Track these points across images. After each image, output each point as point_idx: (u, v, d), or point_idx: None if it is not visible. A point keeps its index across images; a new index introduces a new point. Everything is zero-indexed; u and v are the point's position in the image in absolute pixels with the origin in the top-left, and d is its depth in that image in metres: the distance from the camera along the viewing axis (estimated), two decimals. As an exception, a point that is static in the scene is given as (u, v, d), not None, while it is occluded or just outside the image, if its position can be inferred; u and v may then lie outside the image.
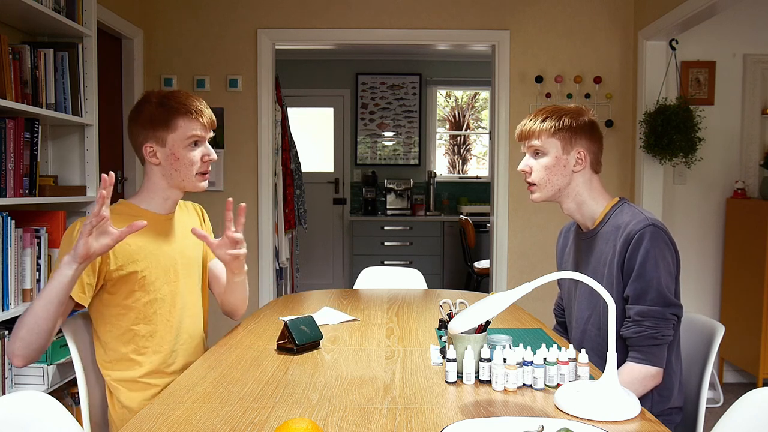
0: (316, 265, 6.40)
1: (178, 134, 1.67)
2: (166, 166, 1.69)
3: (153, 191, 1.73)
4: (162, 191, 1.73)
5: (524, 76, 3.90)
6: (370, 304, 2.22)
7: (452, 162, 6.87)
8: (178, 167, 1.69)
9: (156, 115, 1.67)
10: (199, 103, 1.71)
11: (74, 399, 2.50)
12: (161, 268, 1.69)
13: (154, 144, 1.68)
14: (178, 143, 1.68)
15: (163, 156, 1.68)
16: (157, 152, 1.68)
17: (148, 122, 1.67)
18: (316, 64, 6.33)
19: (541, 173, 1.69)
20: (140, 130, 1.69)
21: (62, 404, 1.22)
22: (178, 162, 1.69)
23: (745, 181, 3.74)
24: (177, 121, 1.67)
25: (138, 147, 1.71)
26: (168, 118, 1.67)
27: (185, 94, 1.71)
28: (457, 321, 1.25)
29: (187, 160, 1.69)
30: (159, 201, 1.73)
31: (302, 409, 1.20)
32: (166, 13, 3.86)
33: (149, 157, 1.69)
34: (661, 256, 1.56)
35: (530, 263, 3.95)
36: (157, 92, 1.72)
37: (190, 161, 1.70)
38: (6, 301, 2.14)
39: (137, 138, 1.70)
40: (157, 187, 1.72)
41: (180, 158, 1.68)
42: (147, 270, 1.65)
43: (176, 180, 1.71)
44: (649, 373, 1.55)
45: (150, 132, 1.67)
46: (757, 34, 3.77)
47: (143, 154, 1.70)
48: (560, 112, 1.68)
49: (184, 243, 1.79)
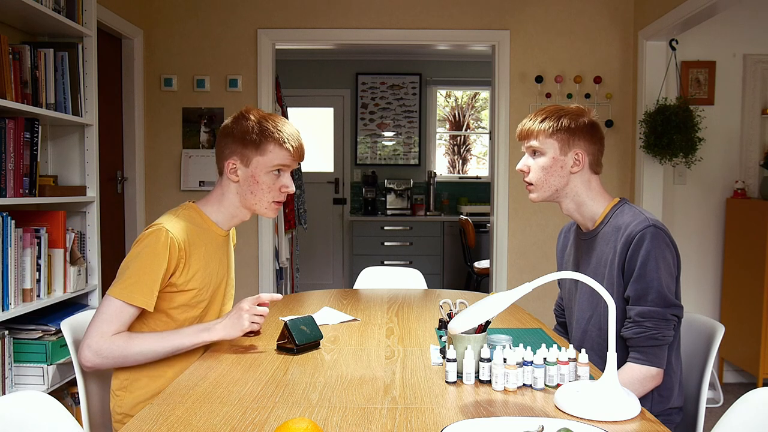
0: (316, 265, 6.39)
1: (266, 159, 1.65)
2: (243, 185, 1.68)
3: (224, 205, 1.71)
4: (233, 208, 1.71)
5: (524, 76, 3.90)
6: (370, 304, 2.22)
7: (452, 162, 6.87)
8: (255, 190, 1.67)
9: (250, 134, 1.65)
10: (295, 131, 1.70)
11: (74, 399, 2.50)
12: (212, 288, 1.69)
13: (238, 161, 1.66)
14: (261, 167, 1.66)
15: (244, 175, 1.67)
16: (238, 170, 1.67)
17: (240, 138, 1.65)
18: (316, 64, 6.33)
19: (538, 173, 1.69)
20: (229, 144, 1.67)
21: (62, 404, 1.22)
22: (256, 185, 1.67)
23: (745, 181, 3.74)
24: (269, 145, 1.65)
25: (222, 159, 1.69)
26: (261, 140, 1.64)
27: (283, 120, 1.70)
28: (457, 321, 1.25)
29: (265, 186, 1.67)
30: (227, 216, 1.72)
31: (302, 409, 1.20)
32: (166, 13, 3.86)
33: (229, 173, 1.67)
34: (661, 256, 1.56)
35: (530, 263, 3.95)
36: (258, 110, 1.70)
37: (269, 188, 1.68)
38: (6, 301, 2.14)
39: (224, 150, 1.68)
40: (229, 203, 1.71)
41: (259, 182, 1.67)
42: (203, 289, 1.65)
43: (249, 201, 1.69)
44: (650, 374, 1.55)
45: (239, 148, 1.65)
46: (757, 34, 3.77)
47: (224, 167, 1.68)
48: (560, 113, 1.68)
49: (230, 263, 1.81)
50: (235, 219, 1.74)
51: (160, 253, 1.54)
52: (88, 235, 2.71)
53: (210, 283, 1.67)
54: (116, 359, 1.53)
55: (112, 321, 1.52)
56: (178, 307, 1.63)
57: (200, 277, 1.64)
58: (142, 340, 1.55)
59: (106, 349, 1.51)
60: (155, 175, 3.85)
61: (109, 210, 3.38)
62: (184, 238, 1.59)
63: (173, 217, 1.64)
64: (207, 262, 1.66)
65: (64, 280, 2.47)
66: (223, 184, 1.71)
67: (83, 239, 2.69)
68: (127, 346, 1.53)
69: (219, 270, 1.72)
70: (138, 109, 3.73)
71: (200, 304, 1.66)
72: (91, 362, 1.51)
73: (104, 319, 1.52)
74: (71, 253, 2.54)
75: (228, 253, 1.80)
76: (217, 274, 1.71)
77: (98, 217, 2.75)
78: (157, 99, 3.85)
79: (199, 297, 1.65)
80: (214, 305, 1.72)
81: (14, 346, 2.25)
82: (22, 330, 2.29)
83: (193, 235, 1.63)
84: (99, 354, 1.51)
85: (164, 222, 1.59)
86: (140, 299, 1.53)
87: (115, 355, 1.52)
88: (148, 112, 3.83)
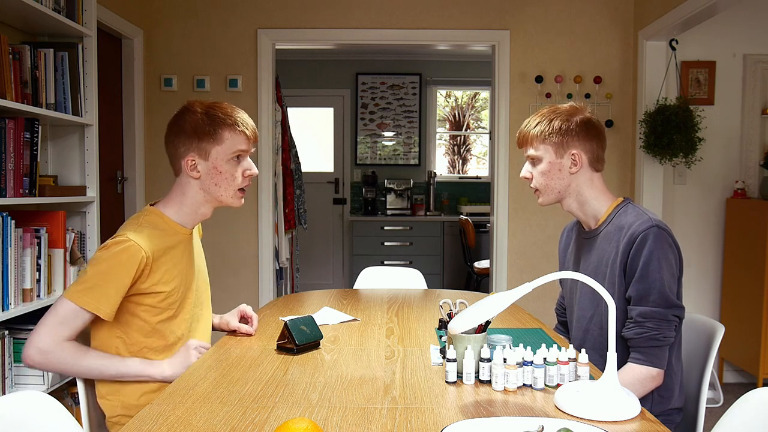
0: (316, 265, 6.39)
1: (224, 147, 1.63)
2: (206, 179, 1.64)
3: (186, 204, 1.67)
4: (196, 205, 1.68)
5: (524, 76, 3.90)
6: (370, 304, 2.22)
7: (452, 162, 6.87)
8: (219, 181, 1.64)
9: (201, 126, 1.61)
10: (244, 115, 1.67)
11: (74, 399, 2.50)
12: (183, 288, 1.66)
13: (196, 156, 1.63)
14: (221, 156, 1.63)
15: (205, 169, 1.63)
16: (198, 165, 1.63)
17: (192, 133, 1.62)
18: (316, 64, 6.33)
19: (540, 179, 1.71)
20: (182, 141, 1.63)
21: (62, 404, 1.22)
22: (219, 176, 1.64)
23: (745, 181, 3.74)
24: (224, 133, 1.62)
25: (177, 158, 1.65)
26: (214, 129, 1.61)
27: (229, 106, 1.67)
28: (457, 321, 1.25)
29: (228, 175, 1.64)
30: (190, 215, 1.68)
31: (302, 409, 1.20)
32: (166, 13, 3.86)
33: (189, 170, 1.63)
34: (664, 257, 1.56)
35: (530, 263, 3.95)
36: (201, 102, 1.67)
37: (232, 176, 1.65)
38: (6, 301, 2.14)
39: (177, 149, 1.64)
40: (191, 201, 1.67)
41: (222, 172, 1.64)
42: (173, 290, 1.62)
43: (215, 194, 1.66)
44: (650, 374, 1.55)
45: (194, 143, 1.62)
46: (757, 34, 3.77)
47: (183, 166, 1.64)
48: (552, 116, 1.68)
49: (200, 260, 1.79)
50: (198, 216, 1.70)
51: (124, 264, 1.51)
52: (88, 235, 2.71)
53: (180, 284, 1.65)
54: (60, 367, 1.51)
55: (65, 324, 1.49)
56: (147, 310, 1.59)
57: (169, 279, 1.60)
58: (90, 358, 1.53)
59: (55, 355, 1.48)
60: (155, 175, 3.85)
61: (109, 210, 3.37)
62: (149, 246, 1.55)
63: (136, 225, 1.60)
64: (174, 264, 1.63)
65: (64, 280, 2.47)
66: (182, 183, 1.67)
67: (83, 239, 2.69)
68: (76, 359, 1.51)
69: (188, 268, 1.69)
70: (138, 109, 3.73)
71: (172, 306, 1.63)
72: (35, 362, 1.49)
73: (58, 321, 1.49)
74: (71, 253, 2.54)
75: (197, 249, 1.78)
76: (187, 275, 1.68)
77: (98, 217, 2.75)
78: (157, 99, 3.85)
79: (171, 299, 1.62)
80: (186, 304, 1.68)
81: (14, 346, 2.25)
82: (22, 330, 2.29)
83: (158, 240, 1.59)
84: (45, 356, 1.48)
85: (128, 232, 1.55)
86: (93, 305, 1.49)
87: (61, 362, 1.50)
88: (148, 112, 3.83)
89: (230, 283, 3.86)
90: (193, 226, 1.72)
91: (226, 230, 3.84)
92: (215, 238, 3.78)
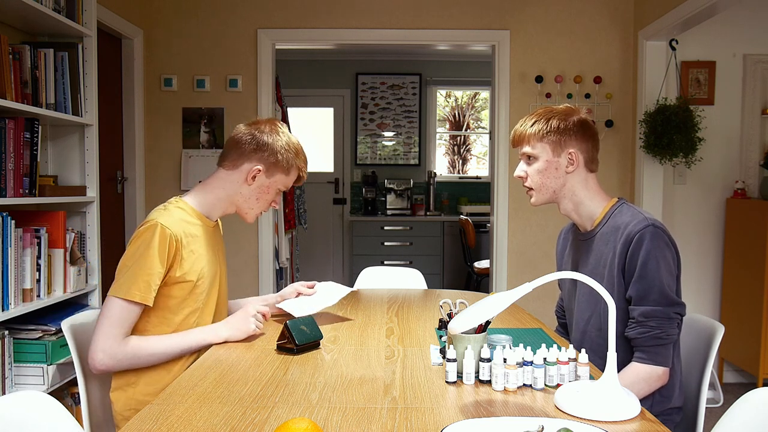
0: (316, 265, 6.39)
1: (286, 179, 1.78)
2: (251, 190, 1.75)
3: (216, 197, 1.76)
4: (224, 202, 1.77)
5: (524, 76, 3.90)
6: (370, 304, 2.22)
7: (452, 162, 6.87)
8: (260, 198, 1.77)
9: (286, 153, 1.75)
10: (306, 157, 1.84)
11: (74, 399, 2.50)
12: (210, 277, 1.72)
13: (263, 169, 1.74)
14: (279, 183, 1.77)
15: (260, 183, 1.75)
16: (258, 177, 1.74)
17: (275, 153, 1.74)
18: (316, 64, 6.33)
19: (535, 178, 1.70)
20: (263, 151, 1.73)
21: (62, 404, 1.22)
22: (265, 195, 1.77)
23: (745, 181, 3.74)
24: (293, 169, 1.78)
25: (242, 158, 1.73)
26: (292, 163, 1.77)
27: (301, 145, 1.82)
28: (457, 321, 1.25)
29: (269, 198, 1.79)
30: (215, 209, 1.77)
31: (302, 409, 1.20)
32: (166, 13, 3.86)
33: (248, 176, 1.73)
34: (662, 256, 1.56)
35: (530, 263, 3.95)
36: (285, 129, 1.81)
37: (270, 200, 1.80)
38: (6, 301, 2.14)
39: (249, 155, 1.73)
40: (221, 195, 1.75)
41: (269, 194, 1.78)
42: (202, 279, 1.68)
43: (245, 205, 1.77)
44: (655, 373, 1.55)
45: (272, 160, 1.74)
46: (757, 34, 3.77)
47: (244, 168, 1.73)
48: (549, 115, 1.69)
49: (222, 253, 1.85)
50: (224, 212, 1.79)
51: (156, 248, 1.57)
52: (88, 235, 2.71)
53: (208, 272, 1.70)
54: (130, 362, 1.57)
55: (119, 323, 1.55)
56: (178, 302, 1.64)
57: (198, 267, 1.66)
58: (152, 342, 1.60)
59: (120, 352, 1.54)
60: (155, 175, 3.85)
61: (109, 210, 3.37)
62: (178, 230, 1.62)
63: (164, 211, 1.66)
64: (202, 253, 1.69)
65: (64, 280, 2.47)
66: (224, 178, 1.75)
67: (83, 239, 2.69)
68: (139, 348, 1.57)
69: (213, 260, 1.75)
70: (138, 109, 3.73)
71: (200, 296, 1.68)
72: (105, 365, 1.54)
73: (112, 322, 1.54)
74: (71, 253, 2.54)
75: (220, 243, 1.85)
76: (213, 264, 1.74)
77: (98, 217, 2.75)
78: (157, 99, 3.85)
79: (199, 288, 1.67)
80: (212, 296, 1.74)
81: (14, 346, 2.25)
82: (22, 330, 2.29)
83: (186, 227, 1.66)
84: (113, 357, 1.54)
85: (157, 217, 1.62)
86: (138, 295, 1.55)
87: (128, 357, 1.56)
88: (148, 112, 3.83)
89: (230, 283, 3.84)
90: (217, 218, 1.80)
91: (226, 230, 3.82)
92: (215, 238, 3.78)
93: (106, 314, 1.55)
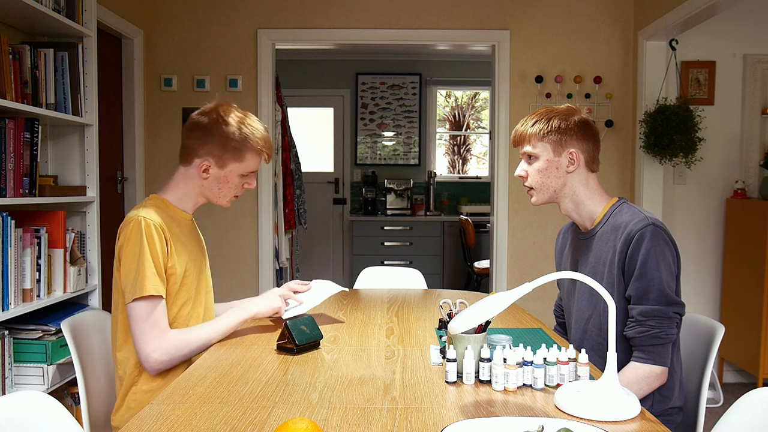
0: (316, 265, 6.39)
1: (243, 166, 1.72)
2: (212, 182, 1.72)
3: (187, 194, 1.75)
4: (195, 196, 1.76)
5: (524, 76, 3.90)
6: (370, 304, 2.22)
7: (452, 162, 6.87)
8: (222, 187, 1.73)
9: (230, 141, 1.68)
10: (268, 136, 1.75)
11: (74, 399, 2.50)
12: (197, 269, 1.74)
13: (213, 163, 1.70)
14: (236, 172, 1.72)
15: (215, 175, 1.71)
16: (211, 170, 1.70)
17: (220, 143, 1.68)
18: (316, 64, 6.33)
19: (536, 177, 1.70)
20: (206, 144, 1.69)
21: (62, 404, 1.22)
22: (225, 185, 1.73)
23: (745, 181, 3.74)
24: (247, 154, 1.70)
25: (192, 154, 1.71)
26: (242, 149, 1.69)
27: (257, 122, 1.73)
28: (457, 321, 1.25)
29: (233, 185, 1.74)
30: (190, 203, 1.77)
31: (302, 409, 1.20)
32: (166, 13, 3.86)
33: (200, 171, 1.70)
34: (661, 255, 1.56)
35: (530, 263, 3.95)
36: (235, 111, 1.71)
37: (235, 187, 1.75)
38: (6, 301, 2.14)
39: (197, 148, 1.69)
40: (191, 192, 1.75)
41: (230, 183, 1.73)
42: (190, 268, 1.70)
43: (211, 195, 1.75)
44: (654, 373, 1.55)
45: (217, 151, 1.69)
46: (757, 34, 3.77)
47: (194, 164, 1.70)
48: (550, 115, 1.69)
49: (203, 247, 1.86)
50: (197, 204, 1.79)
51: (150, 240, 1.58)
52: (88, 235, 2.71)
53: (193, 264, 1.72)
54: (184, 353, 1.60)
55: (154, 322, 1.57)
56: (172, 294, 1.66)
57: (183, 259, 1.68)
58: (195, 331, 1.63)
59: (171, 347, 1.57)
60: (155, 175, 3.85)
61: (109, 210, 3.37)
62: (160, 222, 1.63)
63: (142, 208, 1.67)
64: (184, 243, 1.71)
65: (64, 280, 2.47)
66: (186, 175, 1.74)
67: (83, 239, 2.69)
68: (187, 339, 1.60)
69: (197, 251, 1.78)
70: (138, 109, 3.73)
71: (192, 286, 1.70)
72: (163, 364, 1.57)
73: (146, 324, 1.56)
74: (71, 253, 2.54)
75: (198, 237, 1.86)
76: (197, 256, 1.76)
77: (98, 217, 2.75)
78: (157, 99, 3.85)
79: (188, 278, 1.69)
80: (201, 289, 1.76)
81: (14, 346, 2.25)
82: (22, 330, 2.29)
83: (166, 219, 1.67)
84: (166, 353, 1.57)
85: (137, 213, 1.63)
86: (154, 288, 1.57)
87: (180, 350, 1.59)
88: (148, 112, 3.83)
89: (230, 283, 3.86)
90: (193, 211, 1.80)
91: (226, 230, 3.84)
92: (215, 238, 3.78)
93: (137, 320, 1.56)
